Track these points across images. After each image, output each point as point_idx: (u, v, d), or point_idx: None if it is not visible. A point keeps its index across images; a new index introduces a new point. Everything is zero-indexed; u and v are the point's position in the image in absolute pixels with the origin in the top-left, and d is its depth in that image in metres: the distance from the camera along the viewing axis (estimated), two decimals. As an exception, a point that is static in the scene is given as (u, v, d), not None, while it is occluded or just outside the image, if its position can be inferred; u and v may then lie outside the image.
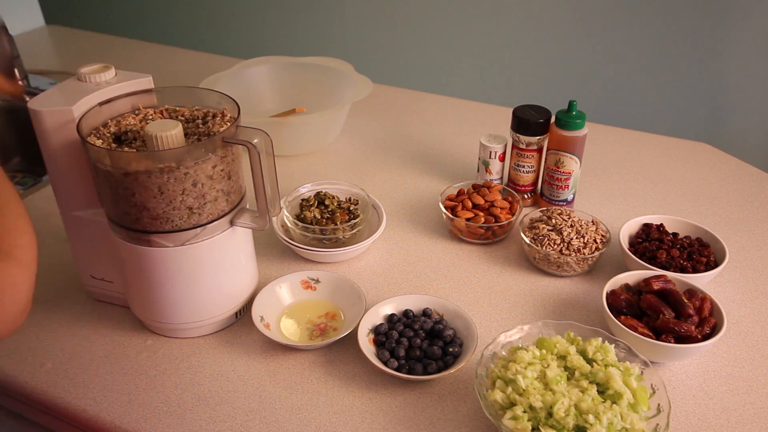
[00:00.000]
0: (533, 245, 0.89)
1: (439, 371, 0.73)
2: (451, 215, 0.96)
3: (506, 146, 1.04)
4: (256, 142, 0.69)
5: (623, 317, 0.76)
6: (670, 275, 0.81)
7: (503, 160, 1.05)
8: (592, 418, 0.61)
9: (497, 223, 0.94)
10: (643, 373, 0.68)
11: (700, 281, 0.83)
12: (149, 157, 0.66)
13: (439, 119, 1.35)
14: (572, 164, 0.98)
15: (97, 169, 0.68)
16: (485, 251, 0.96)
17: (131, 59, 1.67)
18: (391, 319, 0.80)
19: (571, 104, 0.96)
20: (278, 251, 0.95)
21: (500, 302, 0.86)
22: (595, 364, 0.67)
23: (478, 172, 1.08)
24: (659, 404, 0.65)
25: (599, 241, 0.90)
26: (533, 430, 0.62)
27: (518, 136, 1.00)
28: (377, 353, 0.75)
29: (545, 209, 0.96)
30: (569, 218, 0.92)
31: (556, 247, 0.89)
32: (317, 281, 0.86)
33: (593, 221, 0.94)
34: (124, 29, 2.54)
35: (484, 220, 0.95)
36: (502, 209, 0.96)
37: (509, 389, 0.65)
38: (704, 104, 1.89)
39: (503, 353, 0.72)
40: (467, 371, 0.75)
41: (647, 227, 0.93)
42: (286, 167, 1.16)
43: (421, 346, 0.75)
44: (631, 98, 1.95)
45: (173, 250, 0.71)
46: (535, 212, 0.96)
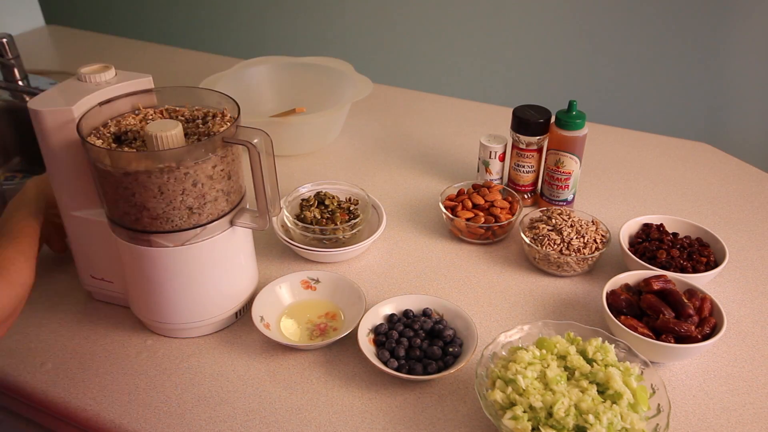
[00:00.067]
0: (533, 245, 0.89)
1: (439, 371, 0.73)
2: (451, 215, 0.96)
3: (506, 146, 1.04)
4: (256, 142, 0.69)
5: (623, 317, 0.76)
6: (670, 275, 0.81)
7: (503, 160, 1.05)
8: (592, 418, 0.61)
9: (497, 223, 0.94)
10: (643, 373, 0.68)
11: (700, 281, 0.83)
12: (149, 157, 0.66)
13: (439, 119, 1.35)
14: (572, 164, 0.98)
15: (97, 169, 0.68)
16: (485, 251, 0.96)
17: (131, 59, 1.67)
18: (391, 319, 0.80)
19: (571, 104, 0.96)
20: (278, 251, 0.95)
21: (500, 302, 0.86)
22: (595, 364, 0.67)
23: (478, 172, 1.08)
24: (659, 404, 0.65)
25: (599, 241, 0.90)
26: (533, 430, 0.62)
27: (518, 136, 1.00)
28: (377, 353, 0.75)
29: (545, 209, 0.96)
30: (569, 218, 0.92)
31: (556, 247, 0.89)
32: (317, 281, 0.86)
33: (593, 221, 0.94)
34: (124, 29, 2.54)
35: (484, 220, 0.95)
36: (502, 209, 0.96)
37: (509, 389, 0.65)
38: (704, 104, 1.89)
39: (503, 353, 0.72)
40: (467, 371, 0.75)
41: (647, 227, 0.93)
42: (286, 167, 1.16)
43: (421, 346, 0.75)
44: (631, 98, 1.95)
45: (173, 250, 0.71)
46: (535, 212, 0.96)
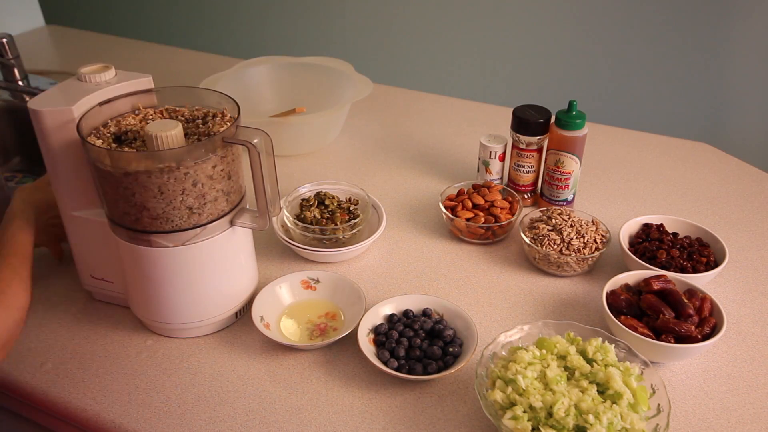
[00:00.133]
0: (533, 245, 0.89)
1: (439, 371, 0.73)
2: (451, 215, 0.96)
3: (506, 146, 1.04)
4: (256, 142, 0.69)
5: (623, 317, 0.76)
6: (670, 275, 0.81)
7: (503, 160, 1.05)
8: (592, 418, 0.61)
9: (497, 223, 0.94)
10: (643, 373, 0.68)
11: (700, 281, 0.83)
12: (149, 157, 0.66)
13: (439, 119, 1.35)
14: (572, 164, 0.98)
15: (97, 169, 0.68)
16: (485, 251, 0.96)
17: (131, 59, 1.67)
18: (391, 319, 0.80)
19: (571, 104, 0.96)
20: (278, 251, 0.95)
21: (500, 302, 0.86)
22: (595, 364, 0.67)
23: (478, 172, 1.08)
24: (659, 404, 0.65)
25: (599, 241, 0.90)
26: (533, 430, 0.62)
27: (518, 136, 1.00)
28: (377, 353, 0.75)
29: (545, 209, 0.96)
30: (569, 218, 0.92)
31: (556, 247, 0.89)
32: (317, 281, 0.86)
33: (593, 221, 0.94)
34: (124, 29, 2.54)
35: (484, 220, 0.95)
36: (502, 209, 0.96)
37: (509, 389, 0.65)
38: (704, 104, 1.89)
39: (503, 353, 0.72)
40: (467, 371, 0.75)
41: (647, 227, 0.93)
42: (286, 167, 1.16)
43: (421, 346, 0.75)
44: (631, 98, 1.95)
45: (173, 250, 0.71)
46: (535, 212, 0.96)
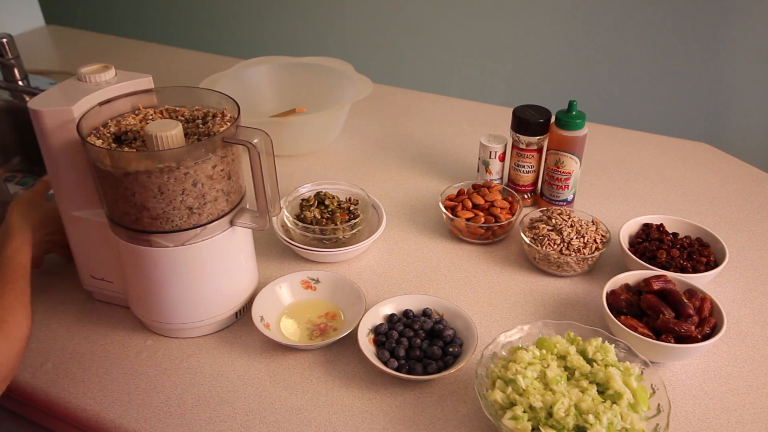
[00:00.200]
0: (533, 245, 0.89)
1: (439, 371, 0.73)
2: (451, 215, 0.96)
3: (506, 146, 1.04)
4: (256, 142, 0.69)
5: (623, 317, 0.76)
6: (670, 275, 0.81)
7: (503, 160, 1.05)
8: (592, 418, 0.61)
9: (497, 223, 0.94)
10: (643, 373, 0.68)
11: (700, 281, 0.83)
12: (149, 157, 0.66)
13: (439, 119, 1.35)
14: (572, 164, 0.98)
15: (97, 169, 0.68)
16: (485, 251, 0.96)
17: (131, 59, 1.67)
18: (391, 319, 0.80)
19: (571, 104, 0.96)
20: (278, 251, 0.95)
21: (500, 302, 0.86)
22: (595, 364, 0.67)
23: (478, 172, 1.08)
24: (659, 404, 0.65)
25: (599, 241, 0.90)
26: (533, 430, 0.62)
27: (518, 136, 1.00)
28: (377, 353, 0.75)
29: (545, 209, 0.96)
30: (569, 218, 0.92)
31: (556, 247, 0.89)
32: (317, 281, 0.86)
33: (593, 221, 0.94)
34: (124, 29, 2.54)
35: (484, 220, 0.95)
36: (502, 209, 0.96)
37: (509, 389, 0.65)
38: (705, 104, 1.89)
39: (503, 353, 0.72)
40: (467, 371, 0.75)
41: (647, 227, 0.93)
42: (286, 167, 1.16)
43: (421, 346, 0.75)
44: (631, 98, 1.95)
45: (173, 250, 0.71)
46: (535, 212, 0.96)
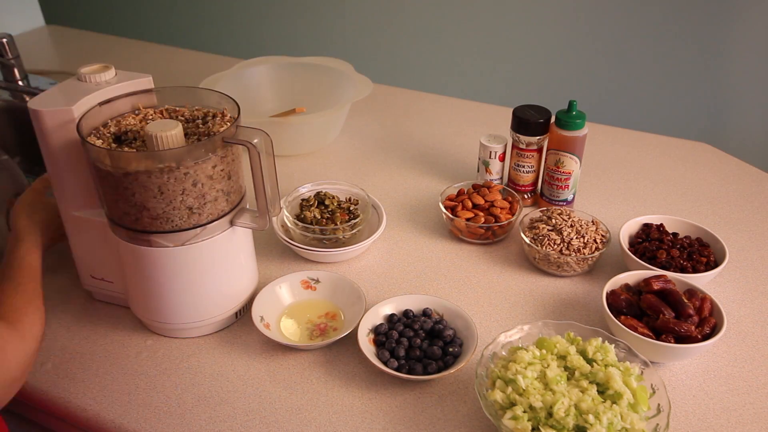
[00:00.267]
0: (533, 245, 0.89)
1: (439, 371, 0.73)
2: (451, 215, 0.96)
3: (506, 146, 1.04)
4: (256, 142, 0.69)
5: (623, 317, 0.76)
6: (670, 275, 0.81)
7: (503, 160, 1.05)
8: (592, 418, 0.61)
9: (497, 223, 0.94)
10: (643, 373, 0.68)
11: (700, 281, 0.83)
12: (149, 157, 0.66)
13: (439, 119, 1.35)
14: (572, 164, 0.98)
15: (97, 169, 0.68)
16: (485, 251, 0.96)
17: (131, 59, 1.67)
18: (391, 319, 0.80)
19: (571, 104, 0.96)
20: (278, 251, 0.95)
21: (500, 302, 0.86)
22: (595, 364, 0.67)
23: (478, 172, 1.08)
24: (659, 404, 0.65)
25: (599, 241, 0.90)
26: (533, 430, 0.62)
27: (518, 136, 1.00)
28: (377, 353, 0.75)
29: (545, 209, 0.96)
30: (569, 218, 0.92)
31: (556, 247, 0.89)
32: (317, 281, 0.86)
33: (593, 221, 0.94)
34: (124, 29, 2.54)
35: (484, 220, 0.95)
36: (502, 209, 0.96)
37: (509, 389, 0.65)
38: (704, 104, 1.89)
39: (503, 353, 0.72)
40: (467, 371, 0.75)
41: (647, 227, 0.93)
42: (286, 167, 1.16)
43: (421, 346, 0.75)
44: (631, 98, 1.95)
45: (173, 250, 0.71)
46: (535, 212, 0.96)
